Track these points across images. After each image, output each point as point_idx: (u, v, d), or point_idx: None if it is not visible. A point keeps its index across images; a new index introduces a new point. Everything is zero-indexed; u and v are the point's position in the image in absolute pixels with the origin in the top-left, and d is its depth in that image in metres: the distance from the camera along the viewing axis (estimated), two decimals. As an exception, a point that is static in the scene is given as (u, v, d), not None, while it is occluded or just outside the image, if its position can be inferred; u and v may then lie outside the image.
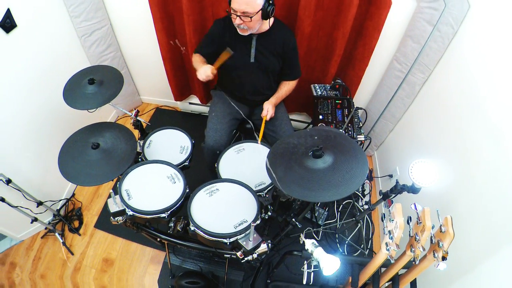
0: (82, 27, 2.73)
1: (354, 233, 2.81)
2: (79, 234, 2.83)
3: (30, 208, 2.45)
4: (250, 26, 2.01)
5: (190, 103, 3.68)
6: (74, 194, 3.09)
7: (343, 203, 3.00)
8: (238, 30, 2.07)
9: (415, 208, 1.36)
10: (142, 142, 2.12)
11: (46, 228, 2.79)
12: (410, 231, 1.37)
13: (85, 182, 1.71)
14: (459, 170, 1.88)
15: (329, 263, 1.42)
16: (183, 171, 1.87)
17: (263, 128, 2.27)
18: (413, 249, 1.33)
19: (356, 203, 2.96)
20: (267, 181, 1.92)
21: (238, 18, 1.95)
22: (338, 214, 2.92)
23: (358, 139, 2.37)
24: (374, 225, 2.89)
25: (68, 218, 2.90)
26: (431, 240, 1.29)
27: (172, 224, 1.79)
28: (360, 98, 3.06)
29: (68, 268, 2.64)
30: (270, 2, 1.95)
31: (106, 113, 3.61)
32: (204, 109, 3.68)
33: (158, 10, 2.57)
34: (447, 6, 1.98)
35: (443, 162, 1.93)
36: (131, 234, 2.52)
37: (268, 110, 2.33)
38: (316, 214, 2.84)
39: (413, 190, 1.65)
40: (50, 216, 2.84)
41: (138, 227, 1.96)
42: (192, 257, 2.59)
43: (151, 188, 1.79)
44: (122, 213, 1.73)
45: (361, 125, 2.49)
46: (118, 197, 1.72)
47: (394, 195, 1.77)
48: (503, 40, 1.63)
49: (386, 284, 1.64)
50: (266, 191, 1.87)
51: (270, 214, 1.87)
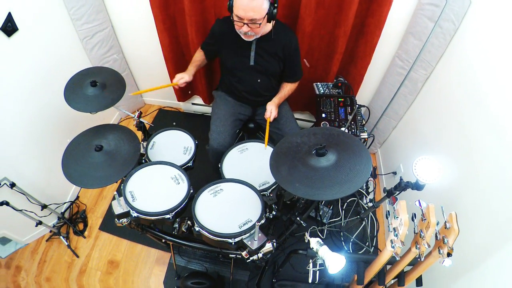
0: (83, 30, 2.73)
1: (359, 231, 2.81)
2: (84, 237, 2.83)
3: (34, 211, 2.45)
4: (257, 32, 1.99)
5: (193, 104, 3.68)
6: (78, 197, 3.10)
7: (348, 201, 3.00)
8: (242, 36, 2.03)
9: (420, 204, 1.36)
10: (145, 144, 2.12)
11: (50, 231, 2.79)
12: (415, 228, 1.37)
13: (89, 184, 1.72)
14: (463, 166, 1.87)
15: (334, 261, 1.42)
16: (187, 172, 1.87)
17: (268, 130, 2.21)
18: (418, 246, 1.33)
19: (360, 201, 2.96)
20: (271, 180, 1.92)
21: (245, 25, 1.90)
22: (343, 212, 2.92)
23: (361, 137, 2.37)
24: (379, 222, 2.88)
25: (72, 221, 2.90)
26: (436, 236, 1.29)
27: (176, 225, 1.79)
28: (362, 96, 3.06)
29: (73, 270, 2.65)
30: (275, 5, 1.91)
31: (109, 115, 3.61)
32: (207, 109, 3.68)
33: (159, 12, 2.57)
34: (448, 2, 1.98)
35: (447, 158, 1.93)
36: (136, 235, 2.53)
37: (271, 111, 2.27)
38: (320, 213, 2.84)
39: (417, 187, 1.65)
40: (54, 219, 2.84)
41: (143, 229, 1.96)
42: (197, 257, 2.59)
43: (155, 189, 1.79)
44: (126, 215, 1.73)
45: (364, 122, 2.49)
46: (122, 199, 1.72)
47: (398, 192, 1.77)
48: (505, 35, 1.62)
49: (392, 281, 1.64)
50: (270, 191, 1.87)
51: (274, 213, 1.87)
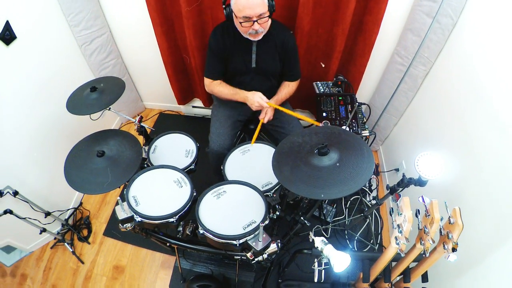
0: (82, 36, 2.74)
1: (363, 228, 2.80)
2: (89, 243, 2.83)
3: (38, 219, 2.45)
4: (265, 27, 1.98)
5: (194, 107, 3.69)
6: (81, 203, 3.10)
7: (351, 199, 3.00)
8: (250, 37, 2.01)
9: (423, 200, 1.35)
10: (147, 148, 2.12)
11: (55, 238, 2.80)
12: (419, 224, 1.37)
13: (91, 190, 1.73)
14: (465, 161, 1.87)
15: (339, 260, 1.42)
16: (190, 175, 1.87)
17: (258, 130, 2.20)
18: (422, 242, 1.33)
19: (363, 199, 2.96)
20: (274, 180, 1.92)
21: (255, 23, 1.89)
22: (346, 210, 2.92)
23: (363, 135, 2.37)
24: (383, 219, 2.88)
25: (76, 227, 2.91)
26: (440, 232, 1.29)
27: (181, 228, 1.78)
28: (362, 94, 3.06)
29: (79, 277, 2.64)
30: None
31: (110, 120, 3.62)
32: (207, 112, 3.70)
33: (157, 15, 2.58)
34: (446, -3, 1.98)
35: (449, 153, 1.92)
36: (141, 240, 2.53)
37: (266, 112, 2.26)
38: (324, 212, 2.84)
39: (420, 183, 1.64)
40: (58, 226, 2.84)
41: (147, 233, 1.96)
42: (202, 260, 2.59)
43: (158, 193, 1.80)
44: (130, 219, 1.74)
45: (365, 120, 2.49)
46: (125, 204, 1.72)
47: (401, 189, 1.76)
48: (503, 28, 1.62)
49: (398, 278, 1.63)
50: (273, 191, 1.87)
51: (278, 213, 1.87)
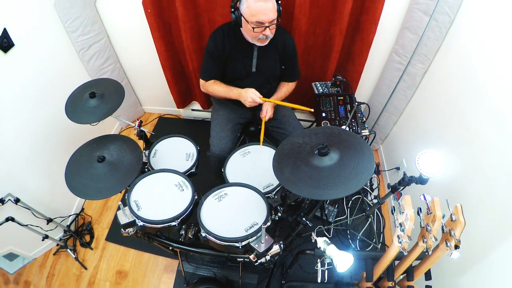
0: (79, 42, 2.74)
1: (365, 228, 2.80)
2: (91, 248, 2.83)
3: (40, 225, 2.45)
4: (273, 33, 1.98)
5: (193, 110, 3.69)
6: (83, 209, 3.10)
7: (352, 199, 3.00)
8: (258, 43, 2.00)
9: (425, 198, 1.35)
10: (147, 152, 2.12)
11: (57, 244, 2.80)
12: (421, 222, 1.37)
13: (93, 196, 1.72)
14: (466, 158, 1.87)
15: (342, 260, 1.41)
16: (191, 178, 1.87)
17: (264, 130, 2.21)
18: (425, 240, 1.32)
19: (365, 198, 2.96)
20: (275, 182, 1.92)
21: (266, 29, 1.89)
22: (348, 210, 2.92)
23: (363, 134, 2.37)
24: (385, 218, 2.88)
25: (79, 233, 2.91)
26: (443, 229, 1.29)
27: (183, 231, 1.78)
28: (361, 93, 3.06)
29: (82, 283, 2.64)
30: (279, 2, 1.90)
31: (110, 125, 3.63)
32: (207, 115, 3.69)
33: (154, 19, 2.58)
34: (442, -5, 1.98)
35: (449, 151, 1.92)
36: (143, 244, 2.52)
37: (267, 111, 2.29)
38: (326, 212, 2.84)
39: (421, 181, 1.64)
40: (60, 232, 2.84)
41: (150, 237, 1.96)
42: (205, 263, 2.59)
43: (160, 197, 1.79)
44: (132, 224, 1.73)
45: (364, 119, 2.49)
46: (127, 208, 1.72)
47: (402, 187, 1.76)
48: (500, 25, 1.62)
49: (401, 276, 1.63)
50: (274, 192, 1.87)
51: (280, 215, 1.86)
